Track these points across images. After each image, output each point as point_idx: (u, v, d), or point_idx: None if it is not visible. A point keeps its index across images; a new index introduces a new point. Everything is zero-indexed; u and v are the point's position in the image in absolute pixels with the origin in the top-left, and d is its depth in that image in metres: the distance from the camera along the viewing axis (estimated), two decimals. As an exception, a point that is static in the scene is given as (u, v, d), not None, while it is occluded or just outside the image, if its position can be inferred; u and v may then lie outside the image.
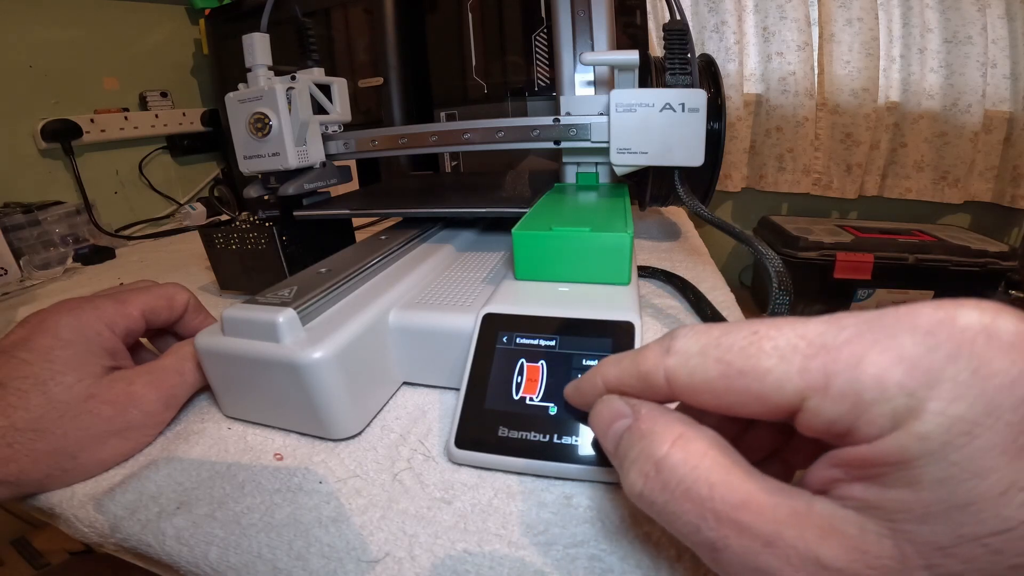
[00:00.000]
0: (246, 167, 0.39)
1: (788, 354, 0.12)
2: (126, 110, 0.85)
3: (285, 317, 0.24)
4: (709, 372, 0.14)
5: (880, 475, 0.11)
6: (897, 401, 0.11)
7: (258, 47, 0.37)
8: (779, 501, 0.12)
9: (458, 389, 0.25)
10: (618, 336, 0.24)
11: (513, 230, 0.29)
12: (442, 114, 0.63)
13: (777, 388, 0.12)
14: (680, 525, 0.13)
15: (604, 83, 0.40)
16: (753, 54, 1.28)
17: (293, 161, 0.38)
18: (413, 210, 0.41)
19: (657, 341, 0.15)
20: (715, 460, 0.13)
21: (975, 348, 0.11)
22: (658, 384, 0.15)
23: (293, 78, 0.39)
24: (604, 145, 0.36)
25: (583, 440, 0.22)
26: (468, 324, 0.27)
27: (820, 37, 1.22)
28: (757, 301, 1.33)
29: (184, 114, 0.91)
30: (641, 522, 0.20)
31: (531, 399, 0.23)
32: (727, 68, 1.24)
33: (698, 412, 0.16)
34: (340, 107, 0.43)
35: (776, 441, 0.18)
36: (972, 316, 0.11)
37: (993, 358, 0.10)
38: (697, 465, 0.13)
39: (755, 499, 0.12)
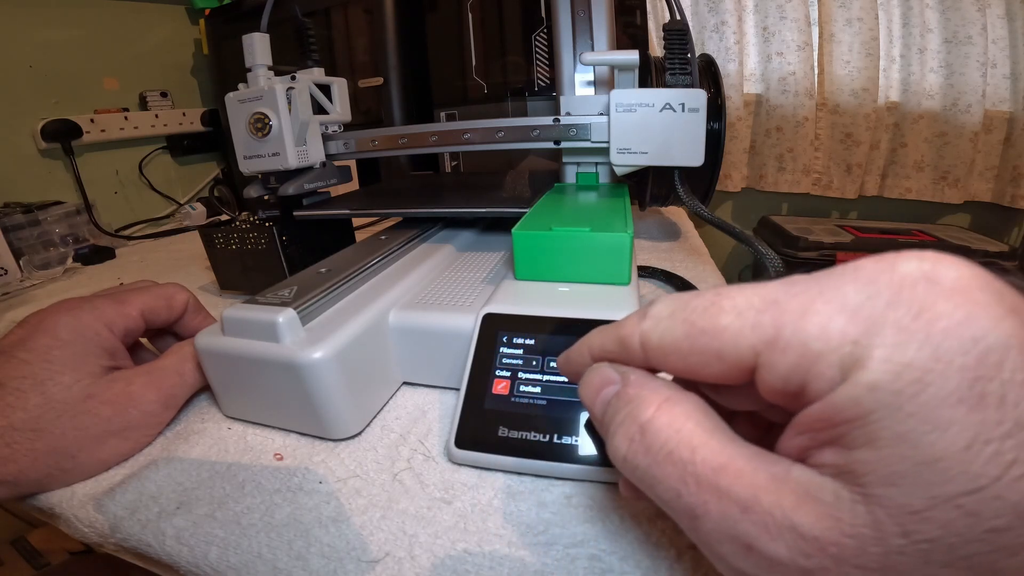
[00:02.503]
0: (246, 167, 0.39)
1: (744, 311, 0.13)
2: (126, 110, 0.85)
3: (285, 317, 0.24)
4: (676, 332, 0.14)
5: (841, 435, 0.11)
6: (843, 350, 0.11)
7: (258, 47, 0.37)
8: (758, 466, 0.12)
9: (458, 389, 0.25)
10: (618, 336, 0.24)
11: (513, 230, 0.29)
12: (442, 114, 0.63)
13: (733, 344, 0.13)
14: (662, 490, 0.13)
15: (604, 83, 0.40)
16: (753, 54, 1.28)
17: (293, 161, 0.38)
18: (413, 210, 0.41)
19: (638, 310, 0.16)
20: (698, 423, 0.13)
21: (916, 293, 0.10)
22: (633, 348, 0.15)
23: (293, 78, 0.39)
24: (604, 145, 0.36)
25: (583, 440, 0.22)
26: (468, 324, 0.27)
27: (820, 37, 1.22)
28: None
29: (184, 114, 0.91)
30: (641, 522, 0.20)
31: (531, 399, 0.23)
32: (727, 68, 1.24)
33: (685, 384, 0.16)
34: (340, 107, 0.43)
35: (755, 435, 0.17)
36: (911, 264, 0.11)
37: (936, 302, 0.10)
38: (680, 428, 0.13)
39: (734, 463, 0.12)
